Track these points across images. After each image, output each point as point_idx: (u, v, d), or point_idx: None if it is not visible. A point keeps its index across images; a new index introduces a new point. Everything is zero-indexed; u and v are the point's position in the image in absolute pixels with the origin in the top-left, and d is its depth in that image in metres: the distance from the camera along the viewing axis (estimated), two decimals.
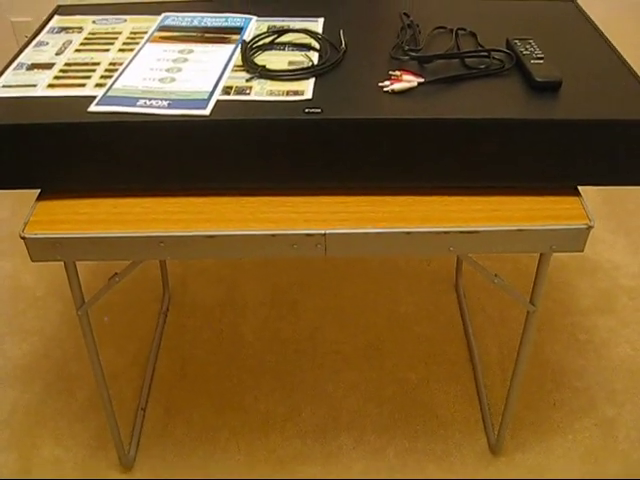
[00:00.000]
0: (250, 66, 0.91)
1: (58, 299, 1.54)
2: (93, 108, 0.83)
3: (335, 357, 1.39)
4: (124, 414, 1.27)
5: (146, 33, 1.02)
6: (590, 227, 0.83)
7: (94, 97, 0.85)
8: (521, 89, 0.87)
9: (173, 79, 0.89)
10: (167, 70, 0.91)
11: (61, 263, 0.87)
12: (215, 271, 1.61)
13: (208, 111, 0.82)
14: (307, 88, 0.87)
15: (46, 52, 0.98)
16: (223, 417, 1.27)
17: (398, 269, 1.61)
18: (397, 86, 0.86)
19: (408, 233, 0.83)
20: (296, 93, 0.86)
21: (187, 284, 1.58)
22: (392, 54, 0.94)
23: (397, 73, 0.88)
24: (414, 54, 0.93)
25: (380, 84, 0.87)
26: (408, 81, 0.87)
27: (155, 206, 0.87)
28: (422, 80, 0.87)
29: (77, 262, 0.89)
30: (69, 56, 0.96)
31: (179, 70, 0.91)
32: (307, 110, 0.82)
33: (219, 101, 0.84)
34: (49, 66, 0.94)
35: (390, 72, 0.88)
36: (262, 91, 0.86)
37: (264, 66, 0.91)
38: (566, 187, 0.88)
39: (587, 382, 1.33)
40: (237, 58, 0.94)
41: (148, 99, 0.85)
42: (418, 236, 0.83)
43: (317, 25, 1.03)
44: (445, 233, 0.83)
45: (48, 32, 1.04)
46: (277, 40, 0.99)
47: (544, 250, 0.86)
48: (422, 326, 1.46)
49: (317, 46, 0.97)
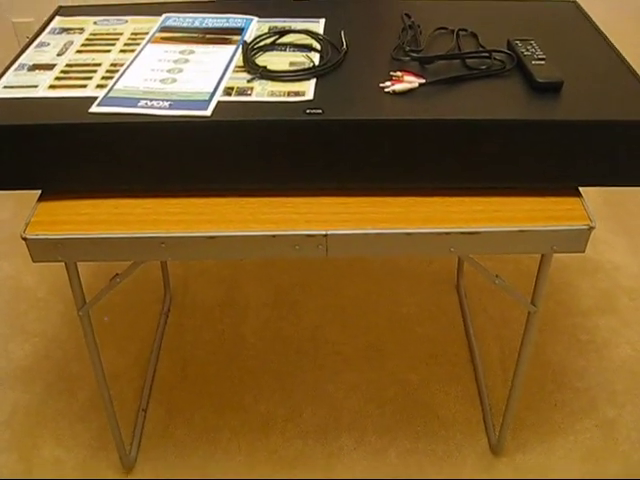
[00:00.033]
0: (251, 67, 0.91)
1: (59, 300, 1.54)
2: (94, 109, 0.84)
3: (336, 358, 1.39)
4: (125, 415, 1.27)
5: (147, 34, 1.02)
6: (591, 228, 0.83)
7: (95, 98, 0.86)
8: (522, 90, 0.87)
9: (174, 80, 0.89)
10: (168, 71, 0.91)
11: (62, 264, 0.87)
12: (216, 272, 1.61)
13: (209, 112, 0.82)
14: (308, 89, 0.87)
15: (47, 53, 0.98)
16: (224, 418, 1.27)
17: (399, 270, 1.61)
18: (398, 87, 0.86)
19: (409, 234, 0.83)
20: (297, 94, 0.86)
21: (188, 285, 1.58)
22: (393, 55, 0.94)
23: (398, 74, 0.88)
24: (415, 55, 0.93)
25: (381, 85, 0.87)
26: (409, 82, 0.86)
27: (156, 207, 0.87)
28: (423, 81, 0.87)
29: (78, 263, 0.89)
30: (70, 57, 0.96)
31: (180, 71, 0.91)
32: (308, 111, 0.82)
33: (220, 102, 0.84)
34: (50, 67, 0.94)
35: (391, 73, 0.88)
36: (263, 92, 0.86)
37: (265, 67, 0.91)
38: (567, 188, 0.88)
39: (588, 383, 1.33)
40: (238, 59, 0.94)
41: (149, 100, 0.85)
42: (419, 237, 0.83)
43: (318, 26, 1.03)
44: (446, 234, 0.83)
45: (49, 33, 1.04)
46: (278, 41, 0.99)
47: (545, 251, 0.86)
48: (423, 327, 1.46)
49: (318, 47, 0.97)
